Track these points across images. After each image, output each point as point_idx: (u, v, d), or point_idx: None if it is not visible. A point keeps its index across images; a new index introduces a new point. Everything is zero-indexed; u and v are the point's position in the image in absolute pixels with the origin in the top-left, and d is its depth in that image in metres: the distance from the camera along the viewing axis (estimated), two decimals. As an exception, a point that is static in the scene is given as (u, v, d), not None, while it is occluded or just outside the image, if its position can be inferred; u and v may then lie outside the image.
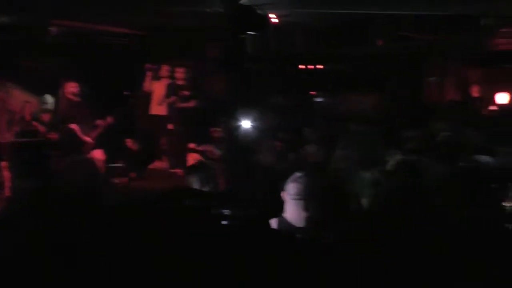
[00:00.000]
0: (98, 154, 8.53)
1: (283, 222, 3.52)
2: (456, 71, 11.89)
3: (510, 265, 2.59)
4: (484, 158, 4.72)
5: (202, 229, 3.49)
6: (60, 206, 3.72)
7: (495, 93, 11.38)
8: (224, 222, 3.60)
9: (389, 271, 2.48)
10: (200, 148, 8.16)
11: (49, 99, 9.81)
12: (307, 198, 3.45)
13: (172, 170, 9.20)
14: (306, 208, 3.40)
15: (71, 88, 8.67)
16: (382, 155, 5.47)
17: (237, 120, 7.17)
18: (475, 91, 11.18)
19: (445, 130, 7.28)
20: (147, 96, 10.01)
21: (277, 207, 3.72)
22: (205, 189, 4.56)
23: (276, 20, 9.92)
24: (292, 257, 2.53)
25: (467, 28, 9.14)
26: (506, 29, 8.17)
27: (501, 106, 10.97)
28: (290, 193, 3.57)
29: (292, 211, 3.51)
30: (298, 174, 3.61)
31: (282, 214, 3.56)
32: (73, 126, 8.45)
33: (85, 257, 2.72)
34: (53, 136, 8.47)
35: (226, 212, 3.65)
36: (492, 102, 11.18)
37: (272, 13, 9.52)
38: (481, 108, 10.38)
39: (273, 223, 3.53)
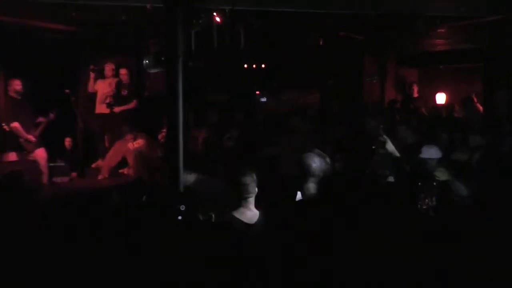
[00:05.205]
0: (40, 153, 8.39)
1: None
2: (393, 70, 12.16)
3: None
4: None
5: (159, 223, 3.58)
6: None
7: (431, 92, 11.69)
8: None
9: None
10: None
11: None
12: None
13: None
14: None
15: (15, 86, 8.44)
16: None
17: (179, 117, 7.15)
18: (411, 90, 11.45)
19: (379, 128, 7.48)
20: (89, 95, 9.86)
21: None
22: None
23: (218, 18, 9.93)
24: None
25: (404, 27, 9.33)
26: (442, 29, 8.42)
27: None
28: None
29: None
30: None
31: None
32: (15, 124, 8.27)
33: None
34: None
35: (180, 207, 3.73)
36: (429, 101, 11.47)
37: (214, 10, 9.52)
38: (418, 107, 10.64)
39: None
